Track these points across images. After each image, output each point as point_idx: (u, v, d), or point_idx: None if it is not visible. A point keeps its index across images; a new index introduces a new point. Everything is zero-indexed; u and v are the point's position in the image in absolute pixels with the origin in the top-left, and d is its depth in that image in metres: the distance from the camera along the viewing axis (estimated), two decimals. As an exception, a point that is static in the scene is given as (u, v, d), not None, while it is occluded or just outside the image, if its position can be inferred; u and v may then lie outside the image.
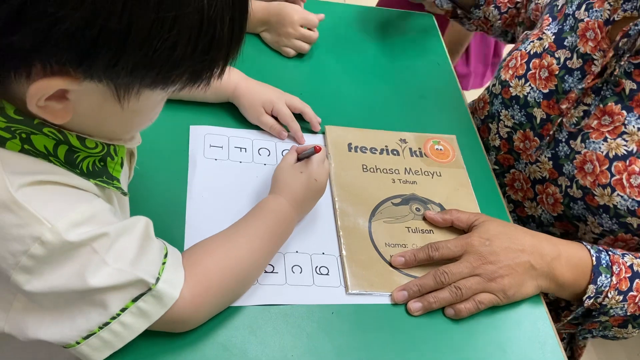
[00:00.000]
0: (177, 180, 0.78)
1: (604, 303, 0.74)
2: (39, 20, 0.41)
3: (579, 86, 0.85)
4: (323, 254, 0.75)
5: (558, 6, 0.94)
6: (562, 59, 0.89)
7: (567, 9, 0.91)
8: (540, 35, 0.94)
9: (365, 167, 0.87)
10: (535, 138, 0.91)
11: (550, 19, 0.94)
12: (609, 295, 0.73)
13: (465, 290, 0.71)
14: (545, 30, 0.93)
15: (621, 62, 0.80)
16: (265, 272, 0.70)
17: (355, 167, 0.87)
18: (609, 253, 0.76)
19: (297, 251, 0.74)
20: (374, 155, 0.89)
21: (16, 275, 0.49)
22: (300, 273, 0.72)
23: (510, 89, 0.94)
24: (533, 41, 0.94)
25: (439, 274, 0.72)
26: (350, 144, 0.90)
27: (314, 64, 1.05)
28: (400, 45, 1.16)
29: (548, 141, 0.88)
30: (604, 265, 0.74)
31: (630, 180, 0.78)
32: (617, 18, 0.84)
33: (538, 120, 0.90)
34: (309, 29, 1.03)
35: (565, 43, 0.89)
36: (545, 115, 0.90)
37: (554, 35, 0.91)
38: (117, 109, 0.50)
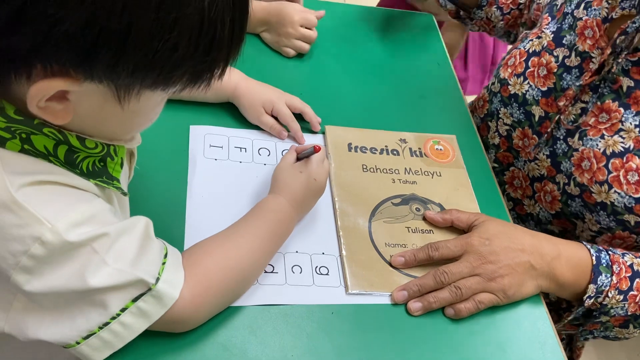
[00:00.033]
0: (177, 180, 0.78)
1: (605, 303, 0.74)
2: (39, 21, 0.41)
3: (577, 83, 0.85)
4: (323, 254, 0.75)
5: (557, 5, 0.94)
6: (561, 57, 0.89)
7: (566, 7, 0.92)
8: (539, 34, 0.94)
9: (365, 167, 0.87)
10: (534, 136, 0.91)
11: (549, 18, 0.95)
12: (610, 295, 0.73)
13: (465, 290, 0.71)
14: (544, 29, 0.94)
15: (619, 60, 0.81)
16: (265, 272, 0.70)
17: (355, 167, 0.87)
18: (609, 252, 0.76)
19: (297, 251, 0.74)
20: (374, 155, 0.89)
21: (16, 275, 0.49)
22: (300, 273, 0.72)
23: (509, 87, 0.94)
24: (532, 40, 0.95)
25: (438, 273, 0.72)
26: (350, 144, 0.90)
27: (314, 64, 1.05)
28: (400, 45, 1.16)
29: (546, 139, 0.88)
30: (604, 265, 0.74)
31: (628, 177, 0.78)
32: (615, 16, 0.84)
33: (536, 118, 0.90)
34: (308, 29, 1.03)
35: (564, 41, 0.89)
36: (544, 113, 0.90)
37: (553, 34, 0.91)
38: (118, 109, 0.50)
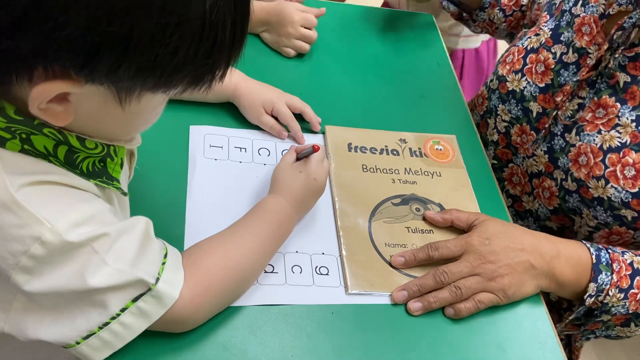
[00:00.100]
0: (177, 180, 0.78)
1: (605, 301, 0.74)
2: (41, 24, 0.41)
3: (574, 79, 0.85)
4: (323, 254, 0.75)
5: (556, 4, 0.95)
6: (558, 54, 0.89)
7: (564, 5, 0.92)
8: (538, 32, 0.95)
9: (365, 167, 0.87)
10: (532, 132, 0.91)
11: (547, 15, 0.95)
12: (610, 293, 0.73)
13: (465, 289, 0.71)
14: (542, 27, 0.94)
15: (615, 55, 0.81)
16: (265, 272, 0.70)
17: (355, 167, 0.87)
18: (609, 251, 0.76)
19: (297, 251, 0.75)
20: (374, 155, 0.89)
21: (16, 275, 0.49)
22: (300, 273, 0.72)
23: (507, 83, 0.95)
24: (530, 37, 0.95)
25: (438, 273, 0.72)
26: (350, 144, 0.90)
27: (314, 64, 1.05)
28: (400, 45, 1.16)
29: (544, 134, 0.89)
30: (604, 263, 0.74)
31: (624, 172, 0.78)
32: (612, 12, 0.85)
33: (534, 114, 0.91)
34: (308, 29, 1.03)
35: (561, 38, 0.90)
36: (541, 109, 0.90)
37: (551, 31, 0.92)
38: (119, 111, 0.50)
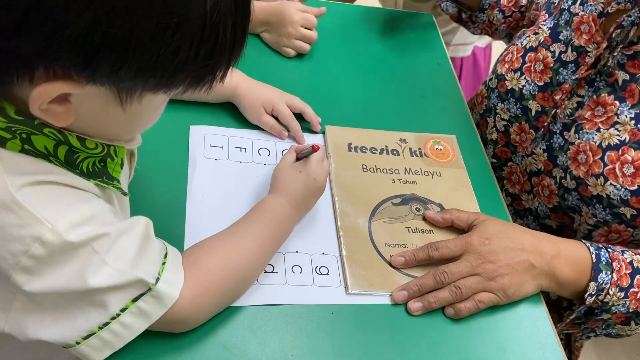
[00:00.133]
0: (177, 180, 0.78)
1: (606, 300, 0.74)
2: (42, 25, 0.41)
3: (573, 77, 0.85)
4: (323, 254, 0.75)
5: (554, 3, 0.95)
6: (557, 52, 0.90)
7: (563, 4, 0.93)
8: (537, 30, 0.95)
9: (365, 167, 0.87)
10: (531, 130, 0.91)
11: (546, 14, 0.96)
12: (610, 293, 0.73)
13: (465, 289, 0.71)
14: (541, 25, 0.95)
15: (614, 54, 0.81)
16: (265, 272, 0.70)
17: (355, 167, 0.87)
18: (609, 250, 0.76)
19: (297, 251, 0.75)
20: (374, 155, 0.89)
21: (16, 275, 0.49)
22: (300, 273, 0.72)
23: (506, 82, 0.95)
24: (529, 36, 0.96)
25: (438, 273, 0.72)
26: (350, 144, 0.90)
27: (314, 64, 1.05)
28: (400, 45, 1.16)
29: (543, 133, 0.89)
30: (604, 263, 0.74)
31: (623, 169, 0.78)
32: (611, 10, 0.85)
33: (533, 113, 0.91)
34: (308, 29, 1.03)
35: (560, 37, 0.90)
36: (540, 108, 0.90)
37: (550, 30, 0.92)
38: (120, 111, 0.50)
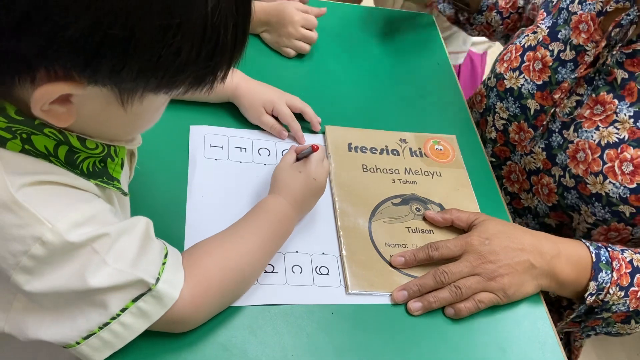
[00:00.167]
0: (177, 180, 0.78)
1: (606, 299, 0.74)
2: (43, 26, 0.41)
3: (572, 76, 0.86)
4: (323, 254, 0.75)
5: (553, 2, 0.95)
6: (556, 51, 0.90)
7: (562, 3, 0.93)
8: (535, 30, 0.95)
9: (365, 167, 0.87)
10: (530, 129, 0.92)
11: (545, 13, 0.96)
12: (611, 292, 0.74)
13: (465, 289, 0.71)
14: (539, 24, 0.95)
15: (613, 52, 0.82)
16: (265, 272, 0.71)
17: (355, 167, 0.87)
18: (608, 249, 0.76)
19: (297, 251, 0.75)
20: (374, 155, 0.89)
21: (16, 275, 0.49)
22: (301, 273, 0.72)
23: (505, 81, 0.95)
24: (528, 35, 0.96)
25: (438, 273, 0.73)
26: (350, 144, 0.90)
27: (314, 64, 1.05)
28: (400, 45, 1.16)
29: (542, 132, 0.89)
30: (604, 262, 0.75)
31: (622, 167, 0.78)
32: (610, 9, 0.85)
33: (532, 112, 0.91)
34: (309, 29, 1.03)
35: (559, 36, 0.90)
36: (539, 107, 0.90)
37: (548, 29, 0.93)
38: (121, 112, 0.50)
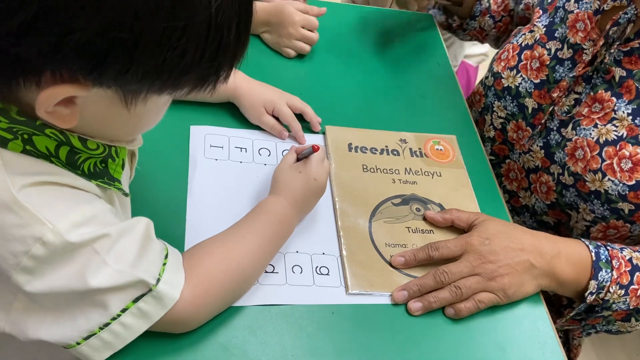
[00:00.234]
0: (178, 180, 0.78)
1: (606, 298, 0.74)
2: (51, 30, 0.41)
3: (570, 75, 0.86)
4: (323, 254, 0.75)
5: (548, 0, 0.95)
6: (553, 50, 0.90)
7: (558, 1, 0.93)
8: (532, 28, 0.95)
9: (365, 167, 0.87)
10: (528, 128, 0.92)
11: (540, 11, 0.96)
12: (611, 290, 0.74)
13: (465, 289, 0.71)
14: (536, 23, 0.95)
15: (611, 50, 0.82)
16: (266, 272, 0.71)
17: (355, 167, 0.87)
18: (608, 248, 0.76)
19: (298, 251, 0.75)
20: (374, 155, 0.89)
21: (17, 275, 0.49)
22: (301, 273, 0.72)
23: (502, 80, 0.95)
24: (525, 34, 0.96)
25: (438, 273, 0.73)
26: (350, 144, 0.90)
27: (314, 64, 1.05)
28: (400, 45, 1.16)
29: (540, 130, 0.89)
30: (604, 260, 0.75)
31: (621, 164, 0.79)
32: (607, 8, 0.85)
33: (530, 110, 0.91)
34: (310, 30, 1.03)
35: (556, 34, 0.91)
36: (537, 105, 0.91)
37: (545, 28, 0.93)
38: (124, 113, 0.50)
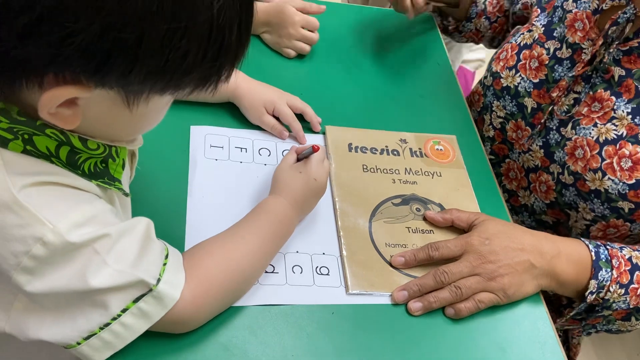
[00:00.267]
0: (178, 180, 0.78)
1: (606, 297, 0.74)
2: (54, 32, 0.41)
3: (570, 74, 0.86)
4: (323, 254, 0.75)
5: None
6: (552, 49, 0.90)
7: (556, 1, 0.93)
8: (530, 28, 0.95)
9: (365, 167, 0.87)
10: (527, 127, 0.92)
11: (538, 10, 0.96)
12: (611, 290, 0.74)
13: (465, 289, 0.71)
14: (534, 22, 0.95)
15: (610, 50, 0.82)
16: (266, 272, 0.71)
17: (355, 167, 0.87)
18: (607, 247, 0.76)
19: (298, 251, 0.75)
20: (374, 156, 0.89)
21: (17, 275, 0.49)
22: (301, 273, 0.72)
23: (501, 80, 0.95)
24: (523, 33, 0.96)
25: (439, 273, 0.73)
26: (350, 144, 0.90)
27: (314, 65, 1.05)
28: (400, 45, 1.16)
29: (539, 130, 0.89)
30: (604, 260, 0.75)
31: (621, 163, 0.79)
32: (605, 7, 0.86)
33: (529, 110, 0.91)
34: (310, 31, 1.03)
35: (554, 34, 0.91)
36: (536, 105, 0.91)
37: (544, 27, 0.93)
38: (126, 113, 0.50)
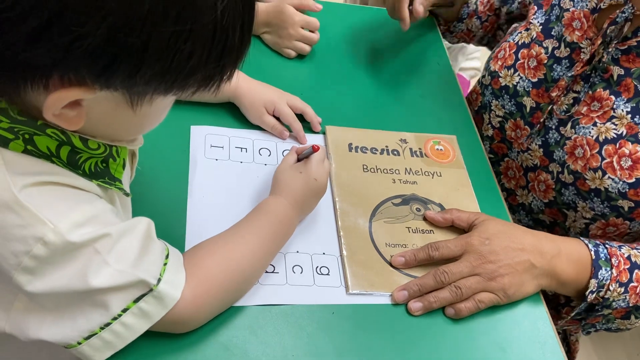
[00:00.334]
0: (178, 180, 0.78)
1: (606, 296, 0.74)
2: (61, 36, 0.41)
3: (569, 74, 0.86)
4: (324, 254, 0.75)
5: None
6: (550, 49, 0.90)
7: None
8: (528, 26, 0.95)
9: (365, 167, 0.87)
10: (526, 127, 0.92)
11: (535, 7, 0.96)
12: (611, 288, 0.74)
13: (465, 289, 0.72)
14: (532, 20, 0.95)
15: (609, 49, 0.82)
16: (266, 272, 0.71)
17: (355, 167, 0.87)
18: (606, 246, 0.77)
19: (298, 251, 0.75)
20: (374, 155, 0.89)
21: (18, 275, 0.49)
22: (301, 273, 0.72)
23: (500, 79, 0.95)
24: (521, 32, 0.96)
25: (439, 273, 0.73)
26: (350, 144, 0.90)
27: (315, 65, 1.05)
28: (400, 45, 1.16)
29: (538, 129, 0.89)
30: (603, 259, 0.75)
31: (621, 162, 0.79)
32: (603, 6, 0.86)
33: (528, 109, 0.92)
34: (311, 31, 1.03)
35: (552, 33, 0.91)
36: (535, 104, 0.91)
37: (541, 26, 0.93)
38: (130, 114, 0.50)
